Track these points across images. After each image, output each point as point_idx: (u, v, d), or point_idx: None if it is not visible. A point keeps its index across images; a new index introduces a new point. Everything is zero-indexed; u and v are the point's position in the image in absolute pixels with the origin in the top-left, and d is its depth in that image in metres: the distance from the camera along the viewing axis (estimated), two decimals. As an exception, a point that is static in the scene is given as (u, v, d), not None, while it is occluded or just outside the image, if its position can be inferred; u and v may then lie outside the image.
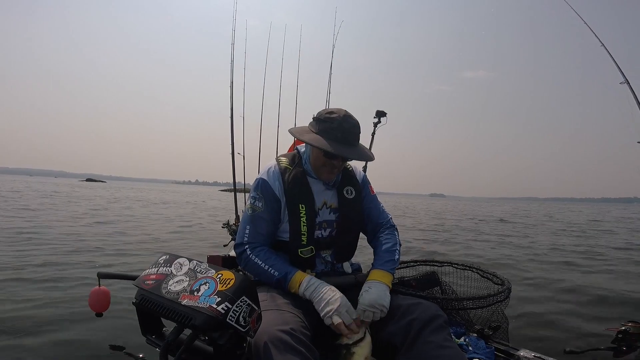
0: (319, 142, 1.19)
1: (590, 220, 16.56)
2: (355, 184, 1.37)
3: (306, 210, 1.24)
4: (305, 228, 1.23)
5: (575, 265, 4.95)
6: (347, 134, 1.20)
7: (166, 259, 0.98)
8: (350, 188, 1.34)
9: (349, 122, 1.21)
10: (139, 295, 0.93)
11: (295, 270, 1.16)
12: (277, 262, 1.18)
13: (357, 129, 1.24)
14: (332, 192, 1.32)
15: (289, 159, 1.32)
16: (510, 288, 1.31)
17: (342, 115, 1.21)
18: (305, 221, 1.23)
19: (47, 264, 3.65)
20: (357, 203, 1.34)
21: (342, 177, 1.35)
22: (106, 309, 1.39)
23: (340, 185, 1.33)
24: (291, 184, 1.25)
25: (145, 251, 4.78)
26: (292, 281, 1.13)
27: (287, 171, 1.28)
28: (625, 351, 1.20)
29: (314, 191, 1.28)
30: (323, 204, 1.29)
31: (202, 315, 0.80)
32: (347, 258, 1.35)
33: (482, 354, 1.23)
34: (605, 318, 2.69)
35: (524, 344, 1.31)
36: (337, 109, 1.25)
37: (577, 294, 3.42)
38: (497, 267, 4.53)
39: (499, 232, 9.68)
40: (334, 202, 1.31)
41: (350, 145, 1.21)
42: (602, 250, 6.44)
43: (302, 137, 1.23)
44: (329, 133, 1.19)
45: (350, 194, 1.33)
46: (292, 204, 1.24)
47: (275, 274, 1.15)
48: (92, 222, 7.69)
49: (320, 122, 1.22)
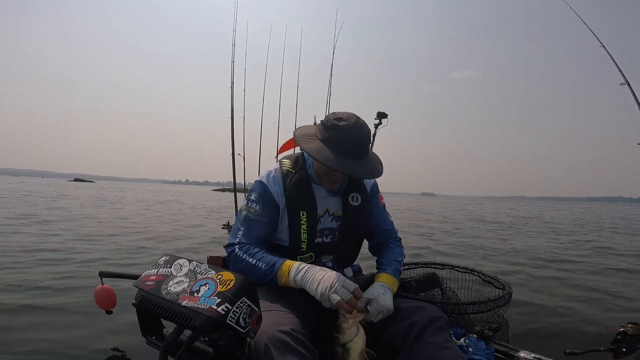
0: (321, 153, 1.08)
1: (593, 219, 16.57)
2: (363, 190, 1.30)
3: (307, 217, 1.18)
4: (305, 235, 1.18)
5: (573, 264, 4.96)
6: (354, 147, 1.09)
7: (166, 259, 0.98)
8: (356, 195, 1.27)
9: (358, 133, 1.10)
10: (138, 296, 0.94)
11: (283, 259, 1.09)
12: (265, 255, 1.11)
13: (366, 140, 1.13)
14: (336, 198, 1.26)
15: (292, 162, 1.25)
16: (511, 292, 1.31)
17: (352, 124, 1.10)
18: (306, 229, 1.18)
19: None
20: (362, 211, 1.28)
21: (348, 182, 1.27)
22: (114, 305, 1.40)
23: (346, 191, 1.26)
24: (293, 189, 1.19)
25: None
26: (281, 270, 1.06)
27: (290, 175, 1.22)
28: (624, 352, 1.20)
29: (317, 197, 1.22)
30: (325, 212, 1.24)
31: (202, 316, 0.80)
32: (349, 264, 1.31)
33: (482, 355, 1.23)
34: (604, 319, 2.69)
35: (523, 345, 1.31)
36: (347, 114, 1.13)
37: (575, 293, 3.42)
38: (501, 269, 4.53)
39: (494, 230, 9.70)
40: (337, 210, 1.25)
41: (356, 158, 1.10)
42: (605, 250, 6.45)
43: (304, 145, 1.13)
44: (334, 143, 1.09)
45: (355, 200, 1.27)
46: (293, 210, 1.18)
47: (262, 266, 1.08)
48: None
49: (327, 130, 1.12)
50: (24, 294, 2.66)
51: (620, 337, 1.21)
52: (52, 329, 2.08)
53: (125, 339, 2.01)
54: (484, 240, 7.36)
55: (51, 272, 3.27)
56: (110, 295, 1.38)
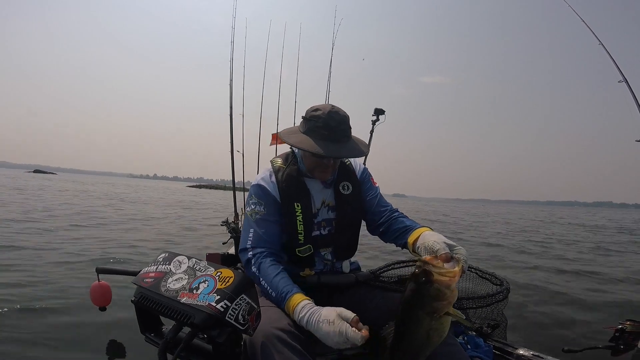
0: (304, 143, 1.14)
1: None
2: (352, 178, 1.32)
3: (302, 208, 1.20)
4: (301, 227, 1.19)
5: (571, 261, 4.98)
6: (334, 131, 1.15)
7: (165, 256, 0.98)
8: (346, 183, 1.29)
9: (335, 119, 1.16)
10: (137, 293, 0.93)
11: (292, 292, 1.03)
12: (276, 278, 1.07)
13: (344, 124, 1.18)
14: (330, 190, 1.28)
15: (282, 159, 1.29)
16: (509, 288, 1.31)
17: (327, 112, 1.16)
18: (302, 219, 1.20)
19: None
20: (354, 198, 1.30)
21: (339, 173, 1.30)
22: (108, 302, 1.39)
23: (337, 182, 1.29)
24: (285, 183, 1.21)
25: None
26: (287, 307, 1.02)
27: (281, 170, 1.24)
28: (622, 349, 1.21)
29: (313, 191, 1.24)
30: (322, 203, 1.26)
31: (201, 313, 0.80)
32: (348, 256, 1.32)
33: (481, 352, 1.23)
34: (602, 317, 2.70)
35: (522, 342, 1.32)
36: (322, 105, 1.20)
37: (574, 293, 3.43)
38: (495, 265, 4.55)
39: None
40: (331, 200, 1.27)
41: (338, 142, 1.15)
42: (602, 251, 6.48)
43: (288, 139, 1.18)
44: (315, 132, 1.15)
45: (346, 189, 1.29)
46: (287, 203, 1.20)
47: (273, 295, 1.05)
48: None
49: (307, 122, 1.18)
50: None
51: (618, 334, 1.21)
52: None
53: (124, 336, 2.01)
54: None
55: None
56: (107, 292, 1.38)
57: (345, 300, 1.21)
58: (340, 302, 1.24)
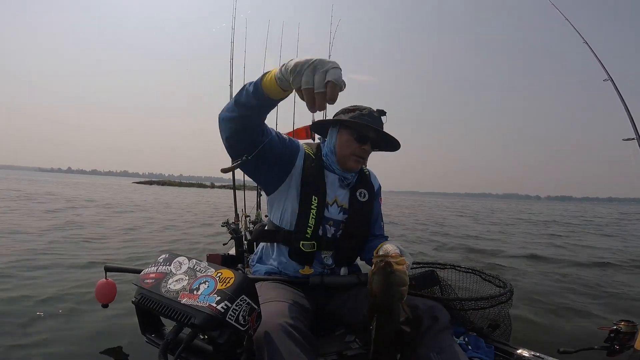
0: (356, 120, 1.22)
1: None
2: (370, 188, 1.35)
3: (318, 203, 1.21)
4: (313, 221, 1.19)
5: (571, 261, 4.98)
6: (377, 120, 1.25)
7: (165, 257, 0.98)
8: (363, 191, 1.32)
9: (375, 113, 1.27)
10: (138, 294, 0.93)
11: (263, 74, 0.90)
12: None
13: (381, 120, 1.29)
14: (346, 191, 1.29)
15: (312, 148, 1.31)
16: (512, 290, 1.31)
17: (368, 107, 1.27)
18: (315, 214, 1.20)
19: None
20: (368, 207, 1.32)
21: (358, 179, 1.33)
22: (112, 300, 1.41)
23: (355, 187, 1.31)
24: (309, 173, 1.23)
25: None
26: (269, 73, 0.88)
27: (309, 159, 1.27)
28: (617, 350, 1.21)
29: (328, 185, 1.25)
30: (334, 201, 1.26)
31: (201, 314, 0.80)
32: (348, 263, 1.31)
33: (481, 353, 1.23)
34: (600, 317, 2.70)
35: (522, 343, 1.31)
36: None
37: (571, 292, 3.43)
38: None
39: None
40: (345, 202, 1.28)
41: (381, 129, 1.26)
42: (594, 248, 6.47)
43: (338, 117, 1.26)
44: (361, 118, 1.23)
45: (363, 196, 1.31)
46: (305, 194, 1.21)
47: (247, 84, 0.93)
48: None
49: (349, 112, 1.26)
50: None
51: (613, 335, 1.22)
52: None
53: (124, 337, 2.01)
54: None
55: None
56: (112, 290, 1.40)
57: (347, 300, 1.21)
58: (342, 302, 1.24)
